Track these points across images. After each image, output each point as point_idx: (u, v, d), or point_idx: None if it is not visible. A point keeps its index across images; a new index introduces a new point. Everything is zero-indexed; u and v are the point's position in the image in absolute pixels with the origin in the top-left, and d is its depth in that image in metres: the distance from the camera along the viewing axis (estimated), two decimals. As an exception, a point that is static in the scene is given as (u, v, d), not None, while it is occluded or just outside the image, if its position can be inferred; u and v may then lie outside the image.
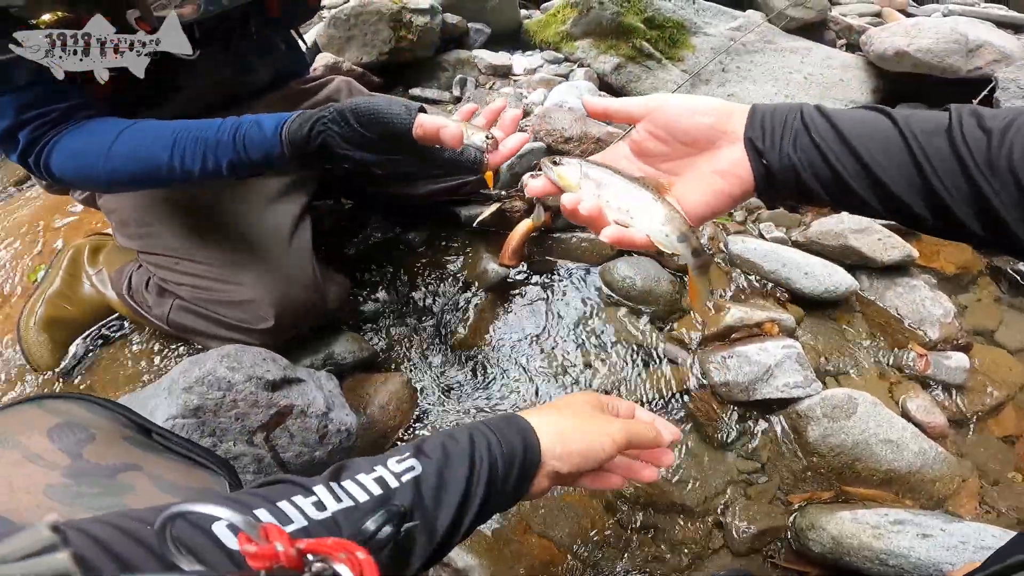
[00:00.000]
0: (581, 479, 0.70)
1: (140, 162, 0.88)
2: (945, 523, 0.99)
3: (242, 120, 0.86)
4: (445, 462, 0.58)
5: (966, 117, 0.51)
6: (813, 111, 0.56)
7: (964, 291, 1.54)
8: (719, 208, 0.59)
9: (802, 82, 2.23)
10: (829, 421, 1.13)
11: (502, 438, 0.61)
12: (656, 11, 2.22)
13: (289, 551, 0.33)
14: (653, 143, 0.61)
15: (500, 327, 1.33)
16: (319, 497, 0.49)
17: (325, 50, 2.07)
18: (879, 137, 0.53)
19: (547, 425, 0.65)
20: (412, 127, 0.77)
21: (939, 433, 1.20)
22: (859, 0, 2.91)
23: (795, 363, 1.19)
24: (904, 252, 1.43)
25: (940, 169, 0.51)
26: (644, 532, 1.05)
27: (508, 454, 0.60)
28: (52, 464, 0.55)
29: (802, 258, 1.40)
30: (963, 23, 2.10)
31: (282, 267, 1.09)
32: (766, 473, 1.14)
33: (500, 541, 1.02)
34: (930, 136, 0.52)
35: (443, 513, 0.55)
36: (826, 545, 1.00)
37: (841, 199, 0.56)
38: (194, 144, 0.86)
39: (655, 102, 0.60)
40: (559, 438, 0.64)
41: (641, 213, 0.58)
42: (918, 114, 0.54)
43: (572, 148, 1.56)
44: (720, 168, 0.58)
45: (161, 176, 0.89)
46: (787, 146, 0.55)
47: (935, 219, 0.53)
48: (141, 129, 0.89)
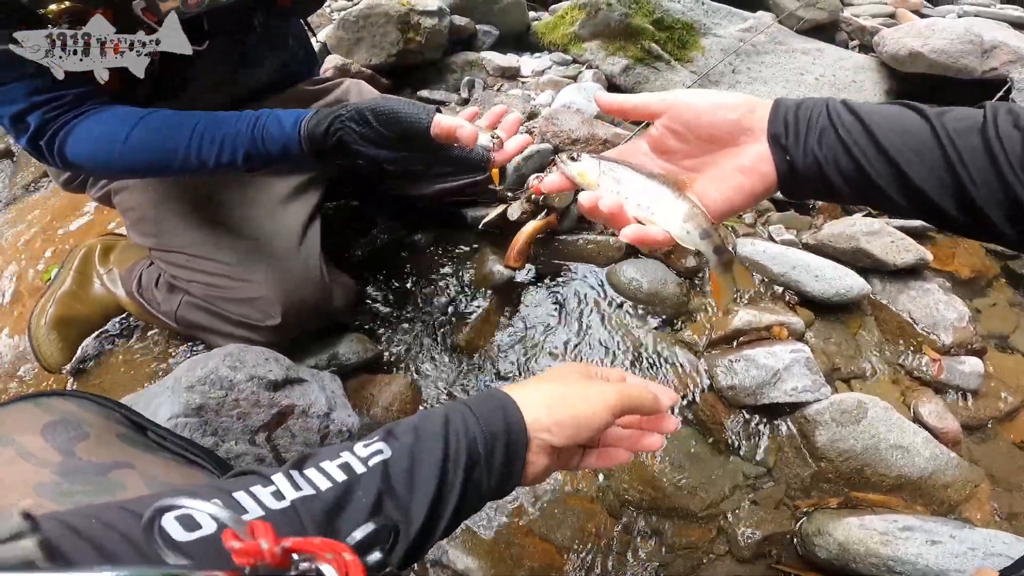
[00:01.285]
0: (585, 460, 0.66)
1: (157, 151, 0.89)
2: (955, 530, 0.97)
3: (260, 113, 0.88)
4: (416, 444, 0.53)
5: (1002, 115, 0.50)
6: (840, 106, 0.55)
7: (979, 295, 1.51)
8: (740, 205, 0.58)
9: (813, 83, 2.21)
10: (838, 426, 1.12)
11: (480, 415, 0.57)
12: (665, 12, 2.21)
13: (274, 549, 0.33)
14: (673, 140, 0.59)
15: (506, 329, 1.33)
16: (278, 486, 0.47)
17: (334, 52, 2.09)
18: (910, 134, 0.52)
19: (531, 396, 0.60)
20: (430, 126, 0.80)
21: (952, 439, 1.18)
22: (872, 1, 2.88)
23: (804, 367, 1.18)
24: (917, 255, 1.41)
25: (972, 168, 0.49)
26: (647, 536, 1.04)
27: (488, 431, 0.56)
28: (44, 461, 0.54)
29: (813, 261, 1.38)
30: (978, 24, 2.08)
31: (292, 267, 1.10)
32: (773, 478, 1.12)
33: (501, 543, 1.01)
34: (964, 135, 0.50)
35: (417, 499, 0.51)
36: (832, 551, 0.98)
37: (866, 194, 0.55)
38: (212, 134, 0.87)
39: (674, 98, 0.58)
40: (546, 409, 0.59)
41: (662, 210, 0.57)
42: (952, 111, 0.52)
43: (579, 150, 1.56)
44: (743, 165, 0.56)
45: (175, 165, 0.89)
46: (812, 142, 0.54)
47: (964, 217, 0.51)
48: (160, 117, 0.90)
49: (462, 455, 0.54)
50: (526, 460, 0.58)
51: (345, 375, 1.19)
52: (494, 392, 0.61)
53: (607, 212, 0.56)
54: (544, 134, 1.58)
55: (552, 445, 0.58)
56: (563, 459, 0.63)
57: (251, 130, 0.87)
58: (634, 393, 0.63)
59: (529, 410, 0.59)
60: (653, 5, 2.20)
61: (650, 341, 1.29)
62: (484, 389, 1.24)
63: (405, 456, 0.52)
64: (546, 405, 0.59)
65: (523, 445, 0.57)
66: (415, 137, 0.82)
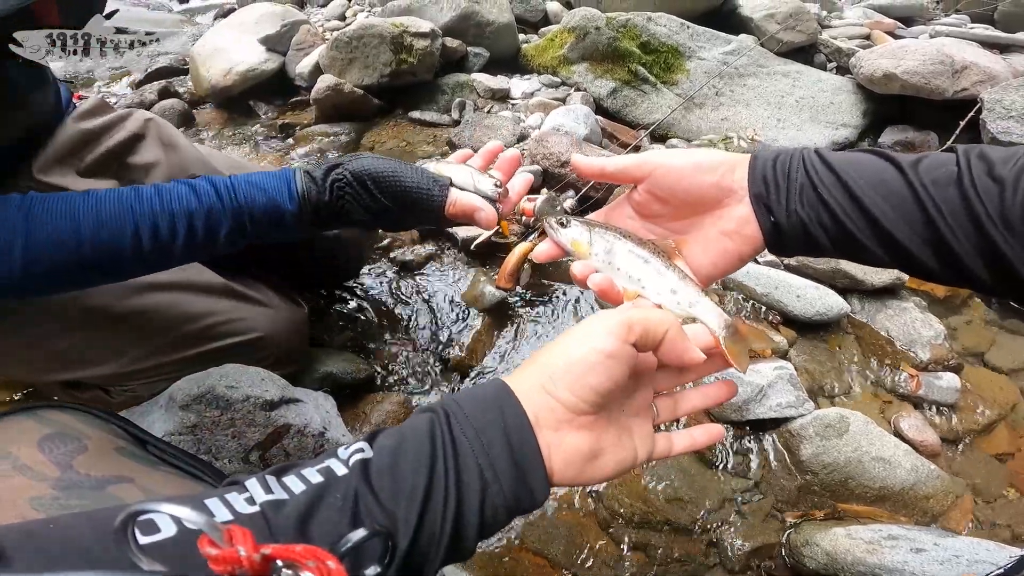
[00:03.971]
0: (663, 415, 0.54)
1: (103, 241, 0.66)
2: (938, 538, 1.00)
3: (216, 179, 0.72)
4: (400, 445, 0.46)
5: (975, 163, 0.50)
6: (815, 160, 0.55)
7: (955, 313, 1.56)
8: (728, 269, 0.58)
9: (794, 105, 2.27)
10: (822, 440, 1.15)
11: (468, 406, 0.47)
12: (651, 36, 2.27)
13: (252, 556, 0.31)
14: (657, 205, 0.59)
15: (498, 349, 1.35)
16: (251, 492, 0.43)
17: (327, 72, 2.12)
18: (886, 189, 0.52)
19: (523, 371, 0.50)
20: (445, 206, 0.73)
21: (932, 451, 1.21)
22: (848, 23, 2.97)
23: (788, 383, 1.21)
24: (894, 275, 1.46)
25: (952, 222, 0.50)
26: (638, 550, 1.06)
27: (479, 421, 0.46)
28: (40, 475, 0.52)
29: (794, 281, 1.42)
30: (949, 44, 2.14)
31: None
32: (760, 491, 1.14)
33: (494, 558, 1.02)
34: (941, 189, 0.50)
35: (403, 501, 0.43)
36: (820, 561, 1.01)
37: (850, 252, 0.55)
38: (161, 211, 0.67)
39: (653, 162, 0.57)
40: (536, 369, 0.49)
41: (652, 282, 0.56)
42: (925, 162, 0.53)
43: (569, 172, 1.59)
44: (727, 229, 0.56)
45: (123, 258, 0.67)
46: (794, 201, 0.54)
47: (943, 269, 0.52)
48: (56, 204, 0.65)
49: (447, 449, 0.45)
50: (539, 443, 0.46)
51: (338, 394, 1.20)
52: (484, 383, 0.52)
53: (598, 290, 0.55)
54: (534, 156, 1.62)
55: (565, 408, 0.47)
56: (596, 422, 0.49)
57: (222, 198, 0.70)
58: (646, 315, 0.48)
59: (520, 381, 0.49)
60: (640, 29, 2.27)
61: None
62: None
63: (388, 454, 0.45)
64: (537, 366, 0.49)
65: (524, 428, 0.46)
66: (423, 211, 0.74)
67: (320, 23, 2.93)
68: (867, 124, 2.29)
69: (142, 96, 2.43)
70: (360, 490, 0.43)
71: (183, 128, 2.34)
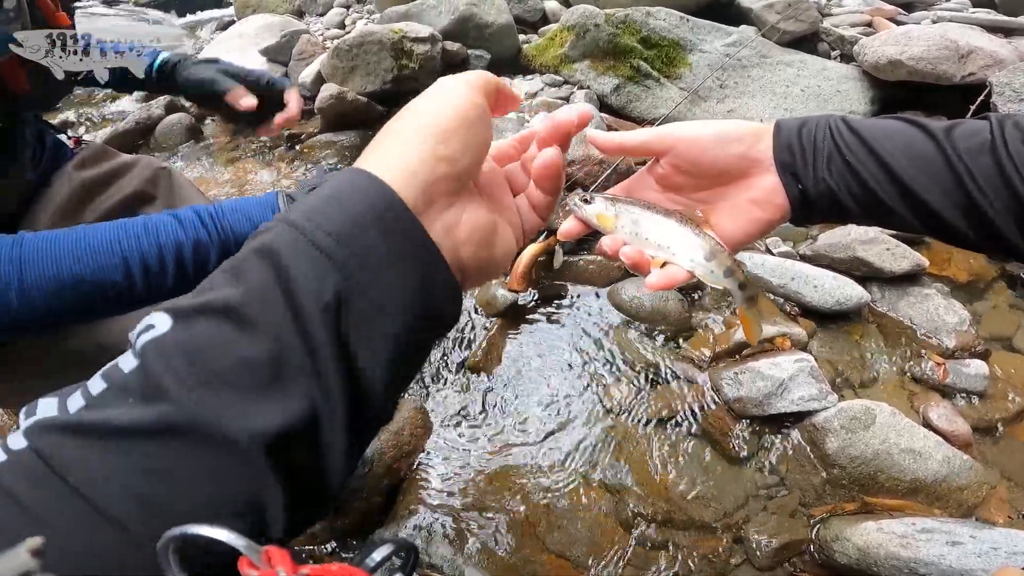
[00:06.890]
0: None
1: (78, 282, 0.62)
2: (975, 530, 0.97)
3: (200, 208, 0.67)
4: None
5: (1009, 131, 0.50)
6: (842, 127, 0.54)
7: (979, 298, 1.52)
8: (756, 235, 0.57)
9: (800, 95, 2.25)
10: (847, 433, 1.12)
11: (309, 210, 0.34)
12: (651, 31, 2.25)
13: None
14: (680, 177, 0.57)
15: (511, 352, 1.33)
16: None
17: (330, 80, 2.12)
18: (919, 155, 0.52)
19: (384, 152, 0.38)
20: None
21: (963, 441, 1.18)
22: (849, 10, 2.95)
23: (809, 376, 1.18)
24: (913, 261, 1.43)
25: (986, 188, 0.49)
26: (663, 549, 1.03)
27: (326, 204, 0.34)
28: None
29: (811, 271, 1.40)
30: (952, 29, 2.11)
31: None
32: (786, 486, 1.12)
33: (517, 561, 1.00)
34: (973, 154, 0.50)
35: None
36: (852, 556, 0.98)
37: (880, 218, 0.55)
38: (149, 247, 0.64)
39: (675, 134, 0.56)
40: (404, 146, 0.38)
41: (682, 249, 0.55)
42: (957, 127, 0.52)
43: (575, 171, 1.58)
44: (755, 197, 0.56)
45: (108, 295, 0.63)
46: (821, 169, 0.53)
47: (977, 235, 0.51)
48: (46, 245, 0.62)
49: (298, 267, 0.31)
50: (412, 214, 0.35)
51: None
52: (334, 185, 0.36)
53: (629, 261, 0.54)
54: (540, 154, 1.60)
55: (448, 174, 0.37)
56: (480, 184, 0.44)
57: (209, 232, 0.66)
58: (486, 73, 0.43)
59: (378, 164, 0.37)
60: (639, 24, 2.25)
61: (655, 358, 1.29)
62: (481, 395, 1.24)
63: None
64: (389, 135, 0.39)
65: (393, 200, 0.35)
66: None
67: (320, 32, 2.94)
68: (875, 111, 2.26)
69: (149, 111, 2.43)
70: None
71: (190, 141, 2.34)
